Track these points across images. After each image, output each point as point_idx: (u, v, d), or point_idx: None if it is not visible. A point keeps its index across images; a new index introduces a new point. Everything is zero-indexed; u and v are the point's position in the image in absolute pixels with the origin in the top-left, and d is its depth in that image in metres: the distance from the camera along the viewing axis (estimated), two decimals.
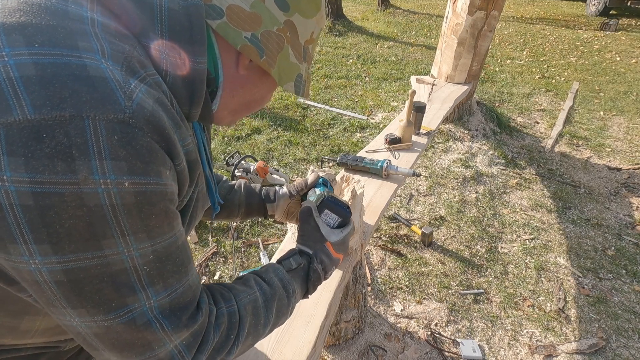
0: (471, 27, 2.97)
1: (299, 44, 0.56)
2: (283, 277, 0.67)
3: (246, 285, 0.62)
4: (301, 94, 0.61)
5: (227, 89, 0.55)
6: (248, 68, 0.55)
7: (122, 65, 0.40)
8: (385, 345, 1.70)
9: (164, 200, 0.44)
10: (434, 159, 3.14)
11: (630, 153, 3.39)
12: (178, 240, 0.47)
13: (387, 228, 2.39)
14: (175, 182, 0.47)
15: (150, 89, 0.42)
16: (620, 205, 2.71)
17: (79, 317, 0.42)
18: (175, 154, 0.45)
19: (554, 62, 5.86)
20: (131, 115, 0.38)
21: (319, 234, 0.78)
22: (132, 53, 0.42)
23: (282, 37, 0.53)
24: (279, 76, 0.55)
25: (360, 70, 5.17)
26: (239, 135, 3.33)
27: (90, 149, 0.36)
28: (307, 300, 1.06)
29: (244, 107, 0.60)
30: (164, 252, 0.45)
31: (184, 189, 0.50)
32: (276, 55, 0.53)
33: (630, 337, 1.78)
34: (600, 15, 8.98)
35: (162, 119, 0.42)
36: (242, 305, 0.58)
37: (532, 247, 2.30)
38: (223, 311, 0.55)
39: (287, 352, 0.91)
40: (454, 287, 2.01)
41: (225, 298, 0.57)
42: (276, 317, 0.63)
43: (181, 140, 0.47)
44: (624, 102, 4.41)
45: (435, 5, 10.02)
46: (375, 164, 1.64)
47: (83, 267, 0.39)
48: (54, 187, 0.35)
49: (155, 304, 0.45)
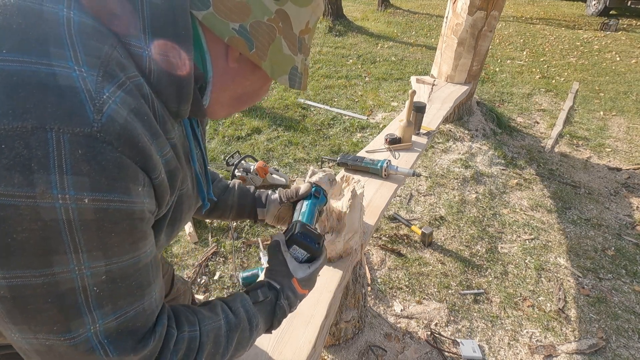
0: (471, 27, 2.97)
1: (292, 34, 0.53)
2: (249, 309, 0.64)
3: (212, 311, 0.60)
4: (297, 87, 0.58)
5: (217, 84, 0.53)
6: (239, 61, 0.52)
7: (99, 71, 0.39)
8: (385, 345, 1.70)
9: (129, 219, 0.42)
10: (434, 159, 3.14)
11: (630, 153, 3.39)
12: (140, 262, 0.45)
13: (387, 228, 2.39)
14: (152, 197, 0.45)
15: (127, 97, 0.40)
16: (620, 205, 2.71)
17: (19, 332, 0.40)
18: (152, 167, 0.43)
19: (554, 62, 5.86)
20: (99, 129, 0.37)
21: (286, 269, 0.73)
22: (110, 55, 0.41)
23: (273, 28, 0.50)
24: (272, 69, 0.53)
25: (360, 70, 5.17)
26: (239, 135, 3.33)
27: (51, 162, 0.35)
28: (307, 300, 1.06)
29: (237, 101, 0.58)
30: (120, 273, 0.43)
31: (164, 200, 0.48)
32: (267, 47, 0.51)
33: (630, 337, 1.78)
34: (600, 16, 8.98)
35: (135, 132, 0.40)
36: (204, 332, 0.55)
37: (532, 247, 2.30)
38: (184, 336, 0.53)
39: (287, 352, 0.91)
40: (454, 287, 2.01)
41: (190, 322, 0.55)
42: (235, 348, 0.61)
43: (159, 150, 0.45)
44: (624, 102, 4.41)
45: (435, 5, 10.02)
46: (375, 164, 1.64)
47: (29, 285, 0.37)
48: (9, 200, 0.34)
49: (101, 327, 0.43)
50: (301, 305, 0.92)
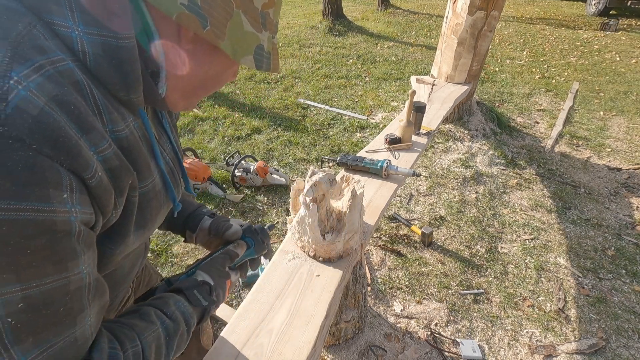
0: (471, 27, 2.97)
1: (254, 8, 0.47)
2: (185, 311, 0.60)
3: (147, 320, 0.53)
4: (264, 68, 0.51)
5: (171, 69, 0.47)
6: (193, 41, 0.46)
7: (6, 52, 0.32)
8: (385, 345, 1.70)
9: (50, 233, 0.34)
10: (434, 159, 3.14)
11: (630, 153, 3.39)
12: (70, 285, 0.38)
13: (387, 228, 2.39)
14: (86, 204, 0.38)
15: (46, 82, 0.34)
16: (620, 205, 2.71)
17: None
18: (83, 165, 0.36)
19: (554, 62, 5.85)
20: (3, 121, 0.31)
21: (224, 272, 0.73)
22: (25, 34, 0.34)
23: (229, 1, 0.44)
24: (233, 49, 0.46)
25: (360, 70, 5.17)
26: (239, 135, 3.33)
27: None
28: (307, 300, 1.06)
29: (198, 88, 0.52)
30: (42, 299, 0.35)
31: (108, 204, 0.42)
32: (225, 25, 0.44)
33: (630, 337, 1.78)
34: (600, 15, 8.98)
35: (55, 125, 0.33)
36: (146, 345, 0.50)
37: (532, 247, 2.30)
38: (129, 354, 0.47)
39: (287, 352, 0.91)
40: (454, 287, 2.01)
41: (129, 338, 0.49)
42: (175, 352, 0.57)
43: (92, 146, 0.38)
44: (624, 102, 4.41)
45: (435, 5, 10.01)
46: (375, 164, 1.64)
47: None
48: None
49: None
50: (301, 305, 0.92)
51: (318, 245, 1.15)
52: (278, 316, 0.99)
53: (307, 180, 1.07)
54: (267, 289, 1.08)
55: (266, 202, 2.58)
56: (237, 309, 1.02)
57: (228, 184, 2.73)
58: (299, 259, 1.20)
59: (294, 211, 1.20)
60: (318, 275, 1.14)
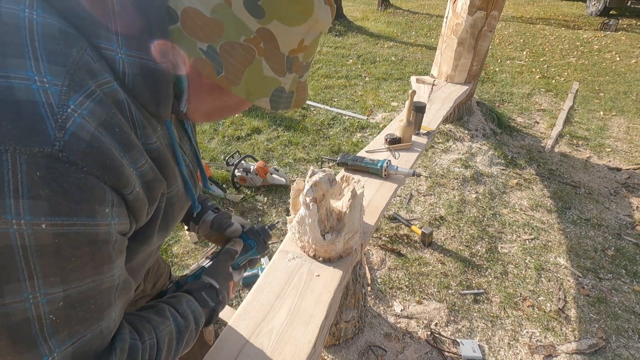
0: (471, 27, 2.97)
1: (279, 54, 0.48)
2: (195, 310, 0.65)
3: (162, 316, 0.59)
4: (281, 108, 0.51)
5: (193, 94, 0.50)
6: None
7: (64, 80, 0.35)
8: (385, 345, 1.70)
9: (92, 243, 0.39)
10: (434, 159, 3.14)
11: (630, 153, 3.39)
12: (102, 285, 0.43)
13: (387, 228, 2.39)
14: (123, 216, 0.43)
15: (96, 108, 0.37)
16: (620, 205, 2.71)
17: None
18: (124, 183, 0.41)
19: (554, 62, 5.85)
20: (61, 148, 0.34)
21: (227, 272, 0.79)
22: (79, 60, 0.37)
23: (251, 49, 0.45)
24: (247, 92, 0.47)
25: (360, 70, 5.17)
26: (239, 135, 3.33)
27: (6, 186, 0.32)
28: (307, 300, 1.06)
29: (216, 112, 0.55)
30: (79, 298, 0.40)
31: (142, 213, 0.47)
32: (242, 70, 0.45)
33: (630, 337, 1.78)
34: (600, 15, 8.98)
35: (103, 148, 0.37)
36: (160, 338, 0.55)
37: (532, 247, 2.30)
38: (146, 345, 0.52)
39: (287, 352, 0.91)
40: (454, 287, 2.01)
41: (147, 330, 0.54)
42: (183, 349, 0.62)
43: (133, 163, 0.42)
44: (624, 102, 4.41)
45: (435, 5, 10.01)
46: (375, 164, 1.64)
47: None
48: None
49: (58, 356, 0.40)
50: (301, 305, 0.92)
51: (318, 245, 1.15)
52: (278, 316, 0.99)
53: (307, 180, 1.07)
54: (267, 289, 1.08)
55: (266, 202, 2.58)
56: (237, 309, 1.02)
57: (228, 184, 2.73)
58: (299, 259, 1.20)
59: (294, 211, 1.20)
60: (318, 275, 1.14)
